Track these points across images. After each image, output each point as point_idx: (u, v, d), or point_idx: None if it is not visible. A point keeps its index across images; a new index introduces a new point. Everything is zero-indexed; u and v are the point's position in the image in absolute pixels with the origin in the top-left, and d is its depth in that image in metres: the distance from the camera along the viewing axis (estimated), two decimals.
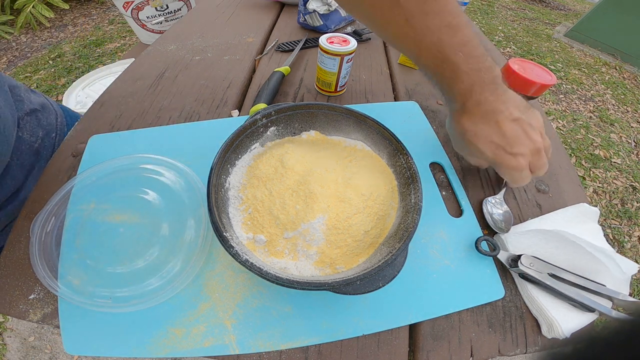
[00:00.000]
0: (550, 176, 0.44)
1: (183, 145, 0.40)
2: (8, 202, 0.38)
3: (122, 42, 2.14)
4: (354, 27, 0.71)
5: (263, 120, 0.34)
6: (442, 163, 0.42)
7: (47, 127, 0.44)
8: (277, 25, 0.71)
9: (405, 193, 0.32)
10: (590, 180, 1.55)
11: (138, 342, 0.27)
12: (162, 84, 0.51)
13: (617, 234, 1.33)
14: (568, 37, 2.81)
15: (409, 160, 0.32)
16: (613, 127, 1.89)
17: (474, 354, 0.29)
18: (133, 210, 0.33)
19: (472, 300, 0.31)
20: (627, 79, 2.37)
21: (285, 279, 0.24)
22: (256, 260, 0.27)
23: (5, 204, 0.38)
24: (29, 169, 0.40)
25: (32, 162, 0.41)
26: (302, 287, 0.24)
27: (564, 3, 3.76)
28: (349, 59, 0.47)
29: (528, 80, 0.37)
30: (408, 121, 0.47)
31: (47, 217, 0.31)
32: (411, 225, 0.28)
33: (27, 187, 0.40)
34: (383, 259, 0.26)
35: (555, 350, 0.30)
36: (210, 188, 0.27)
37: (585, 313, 0.30)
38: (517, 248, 0.33)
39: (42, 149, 0.42)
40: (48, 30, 2.20)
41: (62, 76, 1.81)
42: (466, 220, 0.37)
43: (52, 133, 0.45)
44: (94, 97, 1.15)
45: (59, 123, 0.47)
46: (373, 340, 0.29)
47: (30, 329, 0.94)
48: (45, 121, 0.44)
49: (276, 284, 0.24)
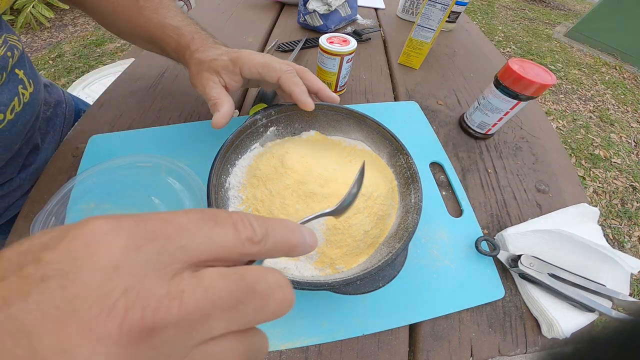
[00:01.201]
0: (550, 176, 0.44)
1: (183, 145, 0.40)
2: (30, 162, 0.42)
3: (122, 42, 2.14)
4: (354, 27, 0.71)
5: (263, 120, 0.34)
6: (442, 163, 0.42)
7: (57, 98, 0.50)
8: (277, 25, 0.71)
9: (405, 193, 0.32)
10: (590, 180, 1.55)
11: None
12: (162, 84, 0.51)
13: (617, 234, 1.33)
14: (568, 37, 2.81)
15: (409, 160, 0.32)
16: (613, 127, 1.89)
17: (474, 354, 0.29)
18: (133, 210, 0.33)
19: (472, 300, 0.31)
20: (627, 79, 2.37)
21: None
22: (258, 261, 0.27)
23: (27, 163, 0.42)
24: (44, 133, 0.46)
25: (47, 128, 0.46)
26: (302, 288, 0.24)
27: (564, 3, 3.77)
28: (349, 59, 0.47)
29: (528, 80, 0.37)
30: (408, 121, 0.47)
31: (47, 217, 0.31)
32: (411, 225, 0.28)
33: (45, 150, 0.45)
34: (383, 259, 0.26)
35: (555, 350, 0.30)
36: (210, 188, 0.27)
37: (585, 313, 0.30)
38: (517, 248, 0.33)
39: (54, 117, 0.48)
40: (48, 30, 2.20)
41: (62, 76, 1.81)
42: (466, 220, 0.37)
43: (62, 104, 0.51)
44: (94, 97, 1.15)
45: (66, 97, 0.53)
46: (373, 340, 0.29)
47: None
48: (55, 94, 0.50)
49: None
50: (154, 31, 0.37)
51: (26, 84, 0.39)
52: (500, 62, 0.68)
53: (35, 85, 0.41)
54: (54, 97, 0.49)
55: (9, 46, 0.36)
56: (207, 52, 0.34)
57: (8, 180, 0.40)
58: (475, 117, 0.45)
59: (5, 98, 0.35)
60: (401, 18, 0.79)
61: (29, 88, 0.39)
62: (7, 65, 0.35)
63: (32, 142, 0.42)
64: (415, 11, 0.77)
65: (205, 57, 0.33)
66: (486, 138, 0.47)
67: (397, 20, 0.79)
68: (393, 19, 0.79)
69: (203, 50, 0.34)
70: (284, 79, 0.32)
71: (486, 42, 0.75)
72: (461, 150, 0.45)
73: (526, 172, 0.44)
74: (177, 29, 0.36)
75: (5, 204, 0.41)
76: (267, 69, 0.32)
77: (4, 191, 0.40)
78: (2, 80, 0.34)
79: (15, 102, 0.36)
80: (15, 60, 0.37)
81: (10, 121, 0.35)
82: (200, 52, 0.34)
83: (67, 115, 0.51)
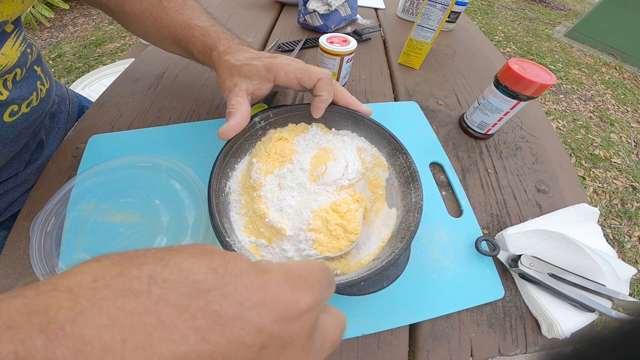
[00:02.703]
0: (550, 176, 0.44)
1: (183, 145, 0.40)
2: (35, 158, 0.43)
3: (122, 42, 2.14)
4: (354, 27, 0.71)
5: (261, 123, 0.34)
6: (442, 163, 0.42)
7: (61, 95, 0.50)
8: (277, 25, 0.71)
9: (405, 192, 0.32)
10: (590, 180, 1.55)
11: None
12: (162, 84, 0.51)
13: (617, 234, 1.33)
14: (568, 37, 2.81)
15: (408, 159, 0.32)
16: (613, 127, 1.89)
17: (474, 354, 0.29)
18: (133, 210, 0.33)
19: (472, 300, 0.31)
20: (627, 79, 2.37)
21: None
22: None
23: (33, 159, 0.42)
24: (48, 129, 0.46)
25: (52, 124, 0.47)
26: None
27: (564, 3, 3.77)
28: (349, 59, 0.47)
29: (528, 80, 0.37)
30: (408, 121, 0.47)
31: (47, 217, 0.31)
32: (413, 224, 0.28)
33: (50, 146, 0.45)
34: (386, 258, 0.26)
35: (555, 350, 0.30)
36: (211, 193, 0.27)
37: (585, 313, 0.30)
38: (517, 248, 0.33)
39: (58, 113, 0.49)
40: (48, 30, 2.20)
41: (62, 76, 1.81)
42: (466, 220, 0.37)
43: (66, 100, 0.51)
44: (94, 97, 1.15)
45: (70, 94, 0.53)
46: (373, 340, 0.29)
47: None
48: (59, 90, 0.50)
49: None
50: (179, 32, 0.37)
51: (43, 80, 0.39)
52: (500, 62, 0.68)
53: (51, 81, 0.41)
54: (58, 94, 0.49)
55: (28, 44, 0.36)
56: (236, 55, 0.33)
57: (14, 174, 0.40)
58: (475, 117, 0.45)
59: (24, 92, 0.35)
60: (401, 18, 0.79)
61: (46, 84, 0.40)
62: (27, 61, 0.36)
63: (38, 138, 0.43)
64: (415, 11, 0.77)
65: (236, 60, 0.32)
66: (486, 138, 0.47)
67: (397, 20, 0.79)
68: (393, 19, 0.79)
69: (232, 53, 0.33)
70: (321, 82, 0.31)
71: (486, 42, 0.75)
72: (461, 150, 0.45)
73: (526, 172, 0.44)
74: (203, 30, 0.35)
75: (9, 199, 0.41)
76: (307, 73, 0.31)
77: (10, 186, 0.40)
78: (22, 75, 0.35)
79: (34, 96, 0.37)
80: (34, 58, 0.38)
81: (24, 114, 0.36)
82: (230, 54, 0.33)
83: (71, 112, 0.51)
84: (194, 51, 0.37)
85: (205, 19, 0.37)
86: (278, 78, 0.31)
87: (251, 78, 0.31)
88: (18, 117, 0.35)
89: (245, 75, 0.31)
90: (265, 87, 0.32)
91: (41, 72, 0.39)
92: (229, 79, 0.32)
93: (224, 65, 0.32)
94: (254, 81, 0.31)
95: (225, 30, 0.36)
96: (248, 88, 0.31)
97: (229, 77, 0.32)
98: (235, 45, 0.34)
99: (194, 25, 0.36)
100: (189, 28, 0.36)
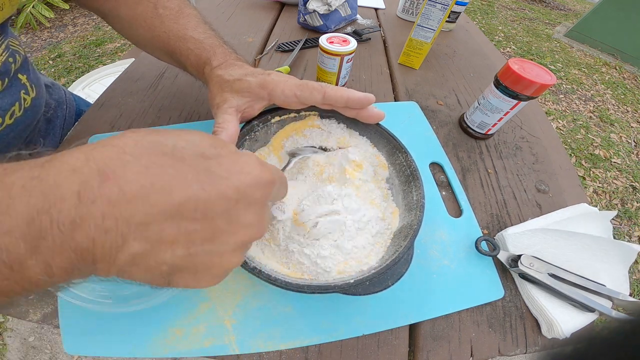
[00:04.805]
0: (550, 176, 0.44)
1: None
2: None
3: (122, 42, 2.14)
4: (354, 27, 0.71)
5: (260, 125, 0.34)
6: (442, 163, 0.42)
7: (58, 99, 0.50)
8: (277, 25, 0.71)
9: (406, 191, 0.32)
10: (590, 180, 1.55)
11: (138, 342, 0.27)
12: (162, 84, 0.51)
13: (617, 234, 1.33)
14: (568, 37, 2.81)
15: (407, 158, 0.32)
16: (613, 127, 1.89)
17: (474, 354, 0.29)
18: None
19: (472, 300, 0.31)
20: (627, 79, 2.37)
21: (294, 284, 0.24)
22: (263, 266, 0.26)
23: None
24: (44, 135, 0.46)
25: (47, 129, 0.47)
26: (312, 292, 0.23)
27: (564, 3, 3.77)
28: (349, 59, 0.47)
29: (528, 80, 0.37)
30: (408, 121, 0.47)
31: None
32: (415, 223, 0.28)
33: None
34: (390, 257, 0.26)
35: (555, 350, 0.30)
36: None
37: (585, 313, 0.30)
38: (517, 248, 0.33)
39: (54, 118, 0.49)
40: (48, 30, 2.20)
41: (62, 76, 1.81)
42: (466, 220, 0.37)
43: (63, 105, 0.51)
44: (94, 97, 1.15)
45: (67, 98, 0.53)
46: (373, 340, 0.29)
47: (30, 329, 0.94)
48: (56, 95, 0.50)
49: (286, 290, 0.23)
50: (173, 43, 0.35)
51: (29, 89, 0.38)
52: (500, 62, 0.68)
53: (38, 89, 0.40)
54: (55, 98, 0.49)
55: (10, 52, 0.35)
56: (230, 70, 0.31)
57: None
58: (475, 117, 0.45)
59: (5, 103, 0.34)
60: (401, 18, 0.79)
61: (31, 93, 0.39)
62: (9, 70, 0.35)
63: (32, 144, 0.42)
64: (415, 11, 0.77)
65: (228, 76, 0.30)
66: (486, 138, 0.47)
67: (397, 20, 0.79)
68: (393, 19, 0.79)
69: (226, 67, 0.31)
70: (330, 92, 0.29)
71: (486, 42, 0.75)
72: (461, 150, 0.45)
73: (526, 172, 0.44)
74: (198, 42, 0.34)
75: None
76: (307, 88, 0.29)
77: None
78: (3, 85, 0.34)
79: (16, 107, 0.36)
80: (18, 66, 0.36)
81: (9, 126, 0.35)
82: (223, 68, 0.31)
83: (67, 117, 0.51)
84: (187, 65, 0.35)
85: (201, 30, 0.35)
86: (274, 96, 0.30)
87: (243, 95, 0.29)
88: (3, 129, 0.34)
89: (237, 91, 0.29)
90: (258, 105, 0.31)
91: (27, 81, 0.37)
92: (219, 94, 0.30)
93: (215, 79, 0.31)
94: (246, 98, 0.30)
95: (222, 43, 0.35)
96: (239, 105, 0.29)
97: (220, 92, 0.30)
98: (231, 60, 0.32)
99: (189, 37, 0.34)
100: (183, 40, 0.34)
